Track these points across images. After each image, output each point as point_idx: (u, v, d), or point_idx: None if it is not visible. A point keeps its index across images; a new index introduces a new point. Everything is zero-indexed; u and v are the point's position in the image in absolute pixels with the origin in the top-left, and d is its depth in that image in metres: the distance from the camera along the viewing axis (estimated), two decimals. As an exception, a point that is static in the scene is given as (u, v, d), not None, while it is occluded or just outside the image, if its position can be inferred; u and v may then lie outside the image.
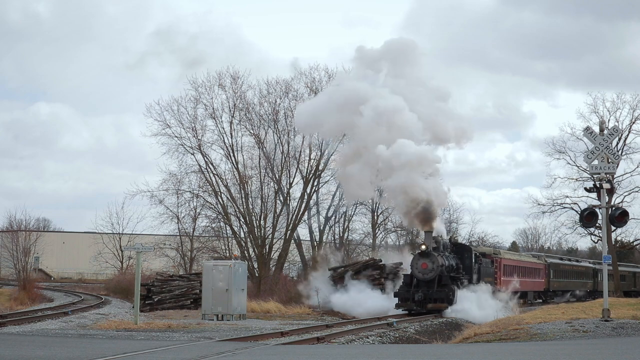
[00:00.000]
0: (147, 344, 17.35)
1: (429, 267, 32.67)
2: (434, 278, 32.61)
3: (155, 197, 47.27)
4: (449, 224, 63.41)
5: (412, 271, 33.20)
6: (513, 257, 47.80)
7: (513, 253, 54.67)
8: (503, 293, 39.27)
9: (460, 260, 35.86)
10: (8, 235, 54.21)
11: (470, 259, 36.55)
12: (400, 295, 33.25)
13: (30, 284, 45.00)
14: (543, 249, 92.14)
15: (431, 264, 32.69)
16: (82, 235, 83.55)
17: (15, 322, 25.26)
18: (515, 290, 43.06)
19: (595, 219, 23.21)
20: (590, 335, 19.05)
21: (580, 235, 58.86)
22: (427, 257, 32.78)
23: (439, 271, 32.75)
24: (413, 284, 32.97)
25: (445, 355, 15.42)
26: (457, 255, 35.82)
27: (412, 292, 32.70)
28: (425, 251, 32.86)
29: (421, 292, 32.50)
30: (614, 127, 29.83)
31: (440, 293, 32.63)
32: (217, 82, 46.78)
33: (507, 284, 42.37)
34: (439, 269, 32.74)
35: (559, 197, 55.17)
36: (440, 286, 32.74)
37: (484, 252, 41.91)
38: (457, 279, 34.50)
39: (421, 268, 32.82)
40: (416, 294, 32.43)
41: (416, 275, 32.89)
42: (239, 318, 28.97)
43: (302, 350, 16.74)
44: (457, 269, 35.11)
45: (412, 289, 32.83)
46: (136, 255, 27.27)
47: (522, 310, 35.06)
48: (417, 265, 33.01)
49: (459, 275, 34.88)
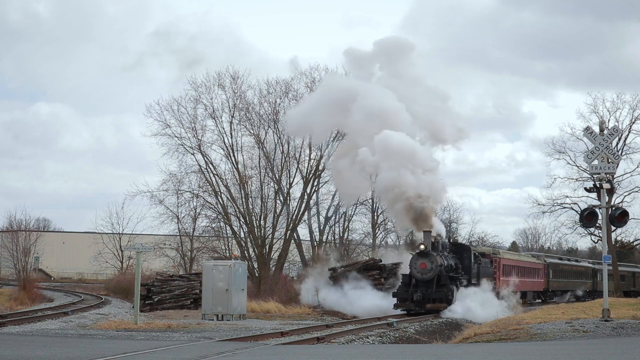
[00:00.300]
0: (147, 344, 17.35)
1: (427, 267, 32.51)
2: (432, 278, 32.43)
3: (155, 197, 47.32)
4: (449, 224, 63.47)
5: (411, 271, 33.03)
6: (512, 257, 47.57)
7: (512, 253, 54.42)
8: (504, 292, 39.23)
9: (459, 260, 35.65)
10: (8, 235, 54.21)
11: (469, 259, 36.36)
12: (399, 295, 33.09)
13: (30, 284, 45.00)
14: (543, 249, 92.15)
15: (430, 263, 32.52)
16: (82, 235, 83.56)
17: (15, 322, 25.25)
18: (515, 290, 42.88)
19: (595, 219, 23.22)
20: (590, 335, 19.04)
21: (580, 235, 58.94)
22: (426, 257, 32.61)
23: (438, 271, 32.56)
24: (412, 284, 32.79)
25: (445, 355, 15.42)
26: (456, 255, 35.61)
27: (410, 292, 32.52)
28: (424, 251, 32.68)
29: (420, 292, 32.31)
30: (614, 127, 29.83)
31: (439, 293, 32.43)
32: (217, 82, 46.83)
33: (507, 284, 42.18)
34: (438, 269, 32.56)
35: (559, 197, 55.23)
36: (439, 286, 32.56)
37: (483, 252, 41.73)
38: (456, 279, 34.34)
39: (420, 268, 32.65)
40: (415, 294, 32.26)
41: (415, 275, 32.74)
42: (239, 318, 28.97)
43: (302, 350, 16.74)
44: (456, 269, 34.91)
45: (410, 289, 32.65)
46: (136, 255, 27.27)
47: (522, 311, 35.08)
48: (415, 265, 32.84)
49: (458, 275, 34.70)
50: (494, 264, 41.31)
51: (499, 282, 41.24)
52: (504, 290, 40.07)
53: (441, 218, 62.57)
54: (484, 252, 41.52)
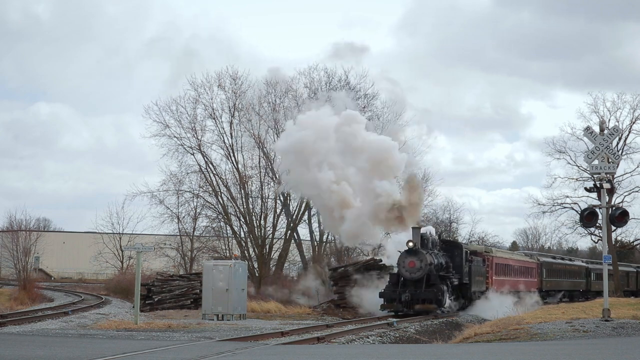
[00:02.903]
0: (147, 344, 17.34)
1: (416, 266, 31.03)
2: (422, 277, 31.01)
3: (155, 197, 47.34)
4: (449, 224, 63.48)
5: (399, 270, 31.50)
6: (505, 256, 45.91)
7: (505, 251, 52.94)
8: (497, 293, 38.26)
9: (450, 258, 34.16)
10: (8, 235, 54.17)
11: (460, 257, 34.84)
12: (386, 295, 31.49)
13: (31, 284, 44.99)
14: (543, 248, 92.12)
15: (419, 262, 31.04)
16: (82, 235, 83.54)
17: (15, 322, 25.24)
18: (508, 290, 41.48)
19: (596, 218, 23.23)
20: (590, 335, 19.04)
21: (580, 235, 59.00)
22: (415, 255, 31.11)
23: (427, 270, 31.15)
24: (400, 283, 31.24)
25: (445, 355, 15.41)
26: (446, 253, 34.15)
27: (398, 292, 30.94)
28: (412, 248, 31.14)
29: (408, 292, 30.79)
30: (615, 127, 29.88)
31: (429, 293, 30.95)
32: (217, 82, 46.86)
33: (499, 283, 40.84)
34: (427, 267, 31.16)
35: (559, 197, 55.26)
36: (429, 286, 31.09)
37: (476, 250, 40.06)
38: (447, 278, 32.99)
39: (408, 267, 31.13)
40: (403, 294, 30.73)
41: (403, 275, 31.25)
42: (239, 318, 28.97)
43: (302, 350, 16.73)
44: (447, 267, 33.54)
45: (398, 289, 31.08)
46: (136, 255, 27.27)
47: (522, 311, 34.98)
48: (404, 264, 31.23)
49: (448, 274, 33.37)
50: (487, 262, 39.68)
51: (491, 281, 39.90)
52: (496, 291, 38.86)
53: (442, 218, 62.79)
54: (476, 250, 39.88)
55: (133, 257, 53.91)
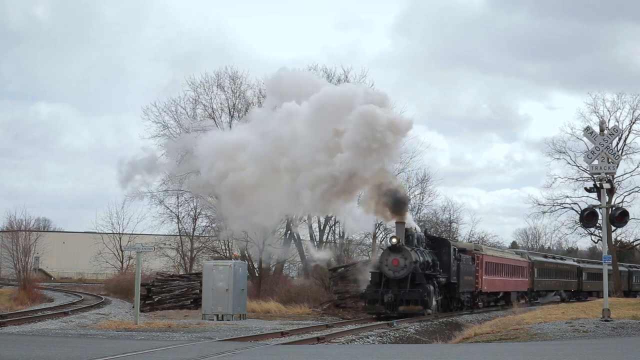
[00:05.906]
0: (147, 344, 17.34)
1: (400, 264, 28.90)
2: (406, 276, 28.90)
3: (155, 197, 47.30)
4: (449, 224, 63.41)
5: (381, 268, 29.29)
6: (496, 254, 43.48)
7: (495, 249, 50.92)
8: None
9: (437, 256, 32.07)
10: (8, 235, 54.12)
11: (448, 255, 32.69)
12: (368, 296, 29.41)
13: (30, 284, 44.94)
14: (543, 248, 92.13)
15: (403, 260, 28.94)
16: (82, 235, 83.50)
17: (15, 322, 25.24)
18: (498, 290, 40.04)
19: (596, 219, 23.26)
20: (590, 335, 19.05)
21: (580, 235, 58.82)
22: (399, 252, 28.97)
23: (412, 268, 28.98)
24: (382, 283, 29.15)
25: (445, 355, 15.41)
26: (433, 251, 32.13)
27: (381, 292, 28.80)
28: (396, 245, 28.94)
29: (391, 292, 28.67)
30: (614, 127, 29.84)
31: (414, 294, 28.79)
32: (216, 83, 46.82)
33: (489, 284, 38.91)
34: (412, 265, 28.96)
35: (559, 197, 55.17)
36: (414, 286, 28.99)
37: (464, 247, 37.69)
38: (433, 277, 30.92)
39: (391, 265, 29.02)
40: (385, 295, 28.60)
41: (386, 273, 29.13)
42: (239, 318, 28.98)
43: (302, 350, 16.74)
44: (434, 265, 31.41)
45: (381, 289, 28.98)
46: (136, 255, 27.28)
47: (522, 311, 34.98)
48: (386, 262, 29.08)
49: (435, 273, 31.24)
50: (476, 261, 37.50)
51: (481, 281, 37.98)
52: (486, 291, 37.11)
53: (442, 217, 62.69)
54: (465, 248, 37.45)
55: (133, 257, 53.89)
